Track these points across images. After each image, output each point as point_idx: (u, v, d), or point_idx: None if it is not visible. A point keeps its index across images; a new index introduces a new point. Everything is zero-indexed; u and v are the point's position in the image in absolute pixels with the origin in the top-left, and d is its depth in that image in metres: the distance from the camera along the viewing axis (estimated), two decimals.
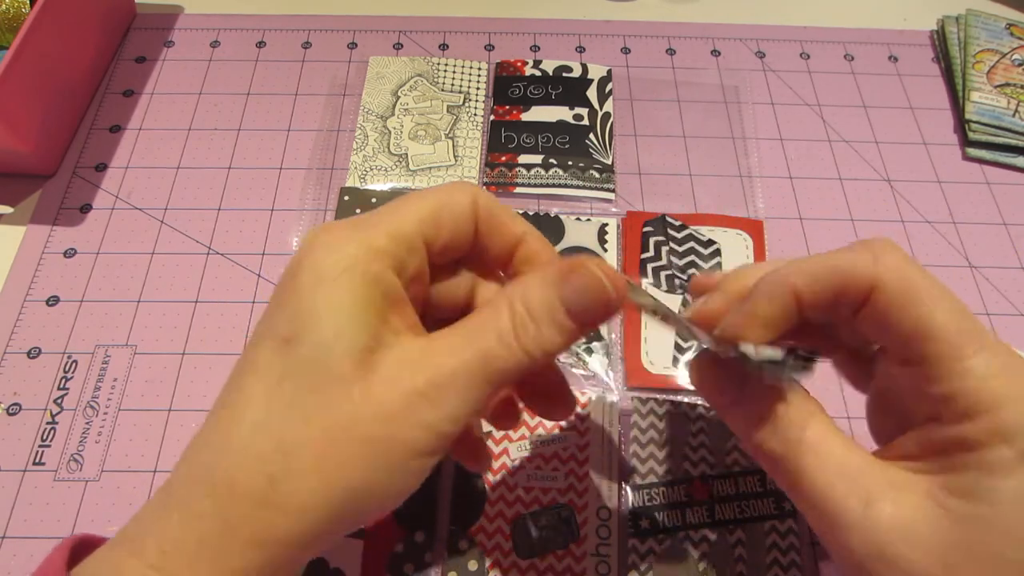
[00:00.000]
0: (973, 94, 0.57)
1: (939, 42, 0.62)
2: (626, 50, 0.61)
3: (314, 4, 0.63)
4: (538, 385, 0.32)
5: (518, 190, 0.52)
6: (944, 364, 0.24)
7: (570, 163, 0.53)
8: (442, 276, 0.30)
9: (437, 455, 0.26)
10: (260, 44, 0.61)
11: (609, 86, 0.58)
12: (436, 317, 0.30)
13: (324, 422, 0.24)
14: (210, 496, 0.24)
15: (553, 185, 0.52)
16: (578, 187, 0.52)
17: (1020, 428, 0.22)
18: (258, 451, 0.24)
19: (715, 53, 0.61)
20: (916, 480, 0.24)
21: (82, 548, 0.27)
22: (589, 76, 0.58)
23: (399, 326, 0.26)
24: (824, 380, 0.32)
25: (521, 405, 0.34)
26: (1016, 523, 0.22)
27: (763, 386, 0.27)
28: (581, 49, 0.61)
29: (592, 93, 0.57)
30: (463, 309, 0.30)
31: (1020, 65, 0.58)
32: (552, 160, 0.53)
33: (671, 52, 0.61)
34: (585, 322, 0.26)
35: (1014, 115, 0.55)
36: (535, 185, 0.52)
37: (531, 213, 0.51)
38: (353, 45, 0.61)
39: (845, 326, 0.28)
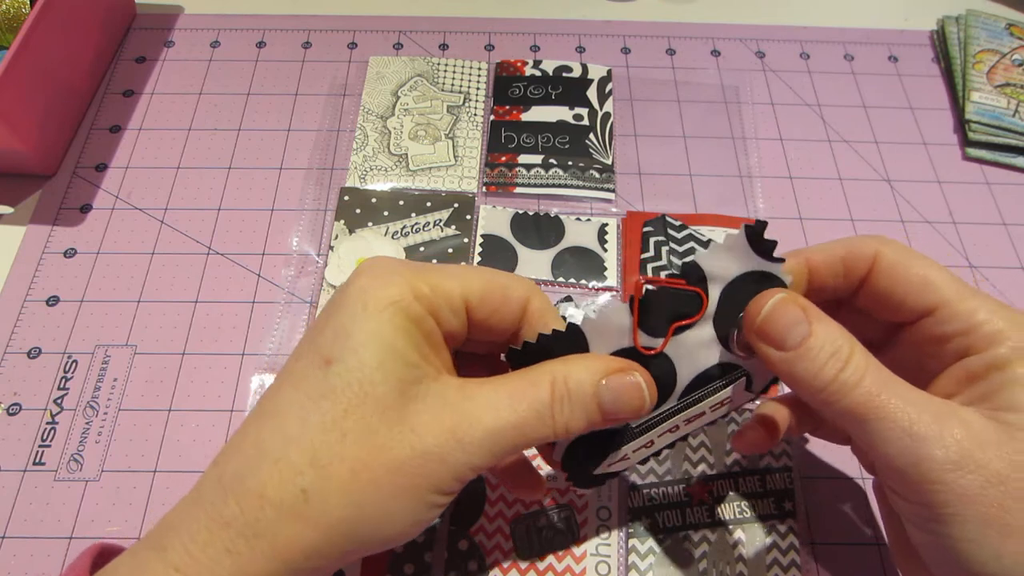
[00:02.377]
0: (973, 94, 0.57)
1: (939, 42, 0.62)
2: (626, 50, 0.61)
3: (314, 4, 0.63)
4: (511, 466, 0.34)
5: (518, 190, 0.52)
6: (953, 306, 0.28)
7: (570, 163, 0.53)
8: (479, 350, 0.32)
9: (452, 496, 0.27)
10: (260, 44, 0.61)
11: (609, 86, 0.58)
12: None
13: (359, 442, 0.25)
14: (239, 504, 0.25)
15: (553, 185, 0.52)
16: (578, 187, 0.52)
17: None
18: (292, 463, 0.25)
19: (715, 53, 0.61)
20: (967, 409, 0.27)
21: (104, 557, 0.27)
22: (589, 76, 0.58)
23: (439, 365, 0.28)
24: None
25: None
26: None
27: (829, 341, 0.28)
28: (581, 49, 0.61)
29: (592, 93, 0.57)
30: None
31: (1020, 65, 0.58)
32: (552, 160, 0.53)
33: (671, 52, 0.61)
34: (609, 418, 0.28)
35: (1014, 115, 0.55)
36: (535, 185, 0.52)
37: (531, 213, 0.51)
38: (353, 45, 0.61)
39: (861, 299, 0.31)
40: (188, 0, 0.63)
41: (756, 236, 0.29)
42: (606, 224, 0.51)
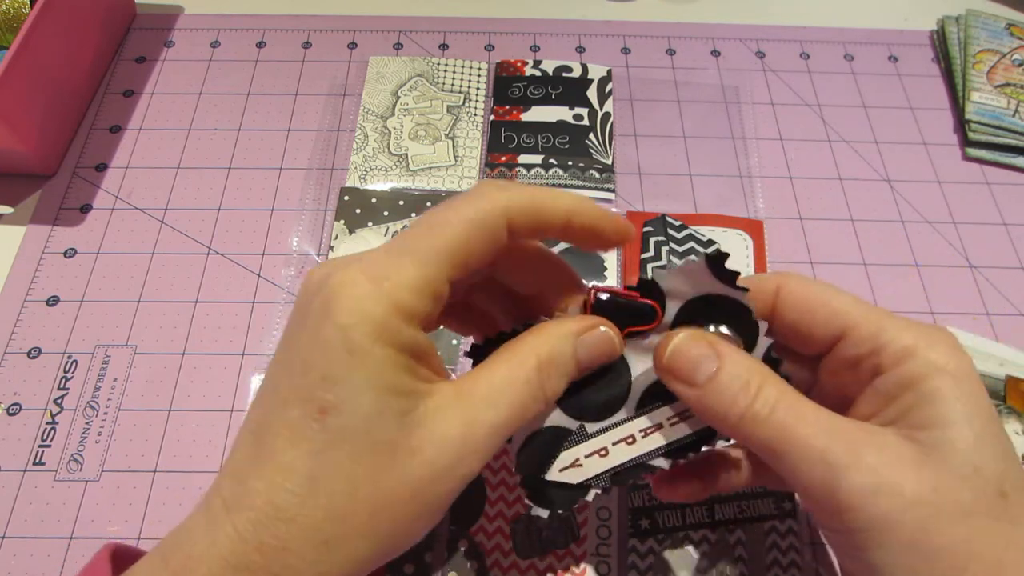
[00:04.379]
0: (973, 94, 0.57)
1: (939, 42, 0.62)
2: (626, 50, 0.61)
3: (314, 4, 0.63)
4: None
5: None
6: (860, 329, 0.28)
7: (570, 163, 0.53)
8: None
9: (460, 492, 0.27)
10: (260, 44, 0.61)
11: (609, 86, 0.58)
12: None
13: (374, 486, 0.25)
14: (262, 555, 0.24)
15: (553, 185, 0.52)
16: (578, 187, 0.52)
17: (943, 362, 0.26)
18: (310, 520, 0.25)
19: (715, 53, 0.61)
20: (884, 430, 0.26)
21: (118, 557, 0.28)
22: (589, 76, 0.58)
23: (428, 375, 0.27)
24: None
25: None
26: (967, 441, 0.25)
27: (736, 375, 0.28)
28: (581, 49, 0.61)
29: (592, 93, 0.57)
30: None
31: (1020, 65, 0.58)
32: (552, 160, 0.53)
33: (671, 52, 0.61)
34: (585, 370, 0.30)
35: (1014, 115, 0.55)
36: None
37: None
38: (353, 45, 0.61)
39: (776, 336, 0.31)
40: (188, 0, 0.63)
41: (717, 266, 0.29)
42: None
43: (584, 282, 0.33)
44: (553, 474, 0.31)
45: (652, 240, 0.50)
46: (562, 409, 0.31)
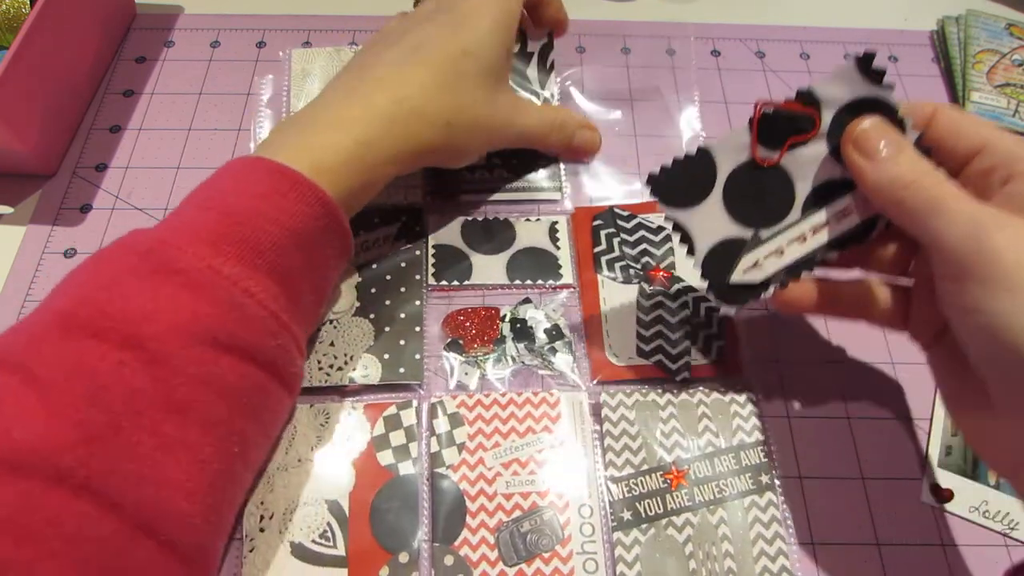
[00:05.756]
0: (973, 94, 0.56)
1: (939, 42, 0.62)
2: (626, 50, 0.61)
3: (314, 4, 0.64)
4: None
5: (464, 197, 0.52)
6: (999, 145, 0.34)
7: (515, 161, 0.53)
8: None
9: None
10: (260, 44, 0.61)
11: (551, 56, 0.55)
12: None
13: (487, 107, 0.45)
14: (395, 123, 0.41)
15: (499, 188, 0.52)
16: (524, 189, 0.52)
17: None
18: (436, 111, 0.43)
19: (715, 53, 0.61)
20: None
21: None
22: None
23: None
24: None
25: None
26: None
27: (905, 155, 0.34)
28: (581, 49, 0.61)
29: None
30: None
31: (1020, 65, 0.58)
32: (496, 160, 0.53)
33: (671, 52, 0.61)
34: (571, 153, 0.53)
35: (1014, 115, 0.55)
36: (481, 191, 0.52)
37: (480, 219, 0.50)
38: (353, 45, 0.61)
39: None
40: (188, 0, 0.63)
41: (865, 65, 0.34)
42: (556, 222, 0.50)
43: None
44: (737, 276, 0.38)
45: (603, 233, 0.50)
46: (736, 220, 0.38)
